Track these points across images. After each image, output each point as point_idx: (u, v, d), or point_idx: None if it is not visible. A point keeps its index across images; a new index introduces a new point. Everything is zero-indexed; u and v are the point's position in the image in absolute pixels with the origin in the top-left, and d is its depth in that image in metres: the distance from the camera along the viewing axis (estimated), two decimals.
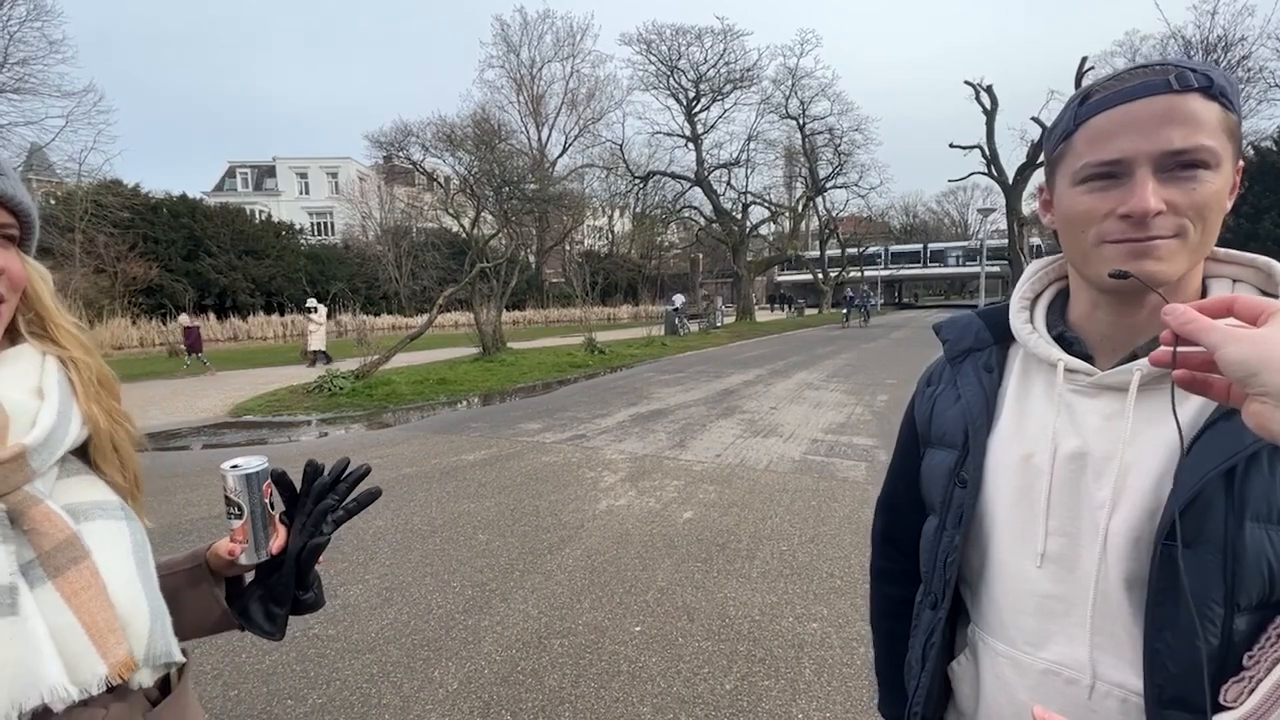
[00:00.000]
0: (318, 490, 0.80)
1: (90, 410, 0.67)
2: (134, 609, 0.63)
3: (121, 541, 0.65)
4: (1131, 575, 0.60)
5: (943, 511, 0.75)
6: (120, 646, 0.60)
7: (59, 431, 0.62)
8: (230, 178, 43.67)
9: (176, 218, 25.26)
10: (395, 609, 3.06)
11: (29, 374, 0.64)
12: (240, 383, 11.65)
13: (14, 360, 0.64)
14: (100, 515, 0.65)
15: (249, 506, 0.73)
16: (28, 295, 0.65)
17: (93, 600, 0.60)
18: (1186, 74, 0.57)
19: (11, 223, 0.62)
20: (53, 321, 0.67)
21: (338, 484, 0.81)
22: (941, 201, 67.75)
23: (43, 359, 0.66)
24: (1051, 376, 0.68)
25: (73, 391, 0.66)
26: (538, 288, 35.73)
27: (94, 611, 0.59)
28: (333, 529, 0.81)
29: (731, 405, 8.60)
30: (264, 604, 0.79)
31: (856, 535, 3.89)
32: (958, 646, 0.77)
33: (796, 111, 32.52)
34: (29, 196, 0.65)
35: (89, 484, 0.67)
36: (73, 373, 0.67)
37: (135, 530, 0.68)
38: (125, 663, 0.60)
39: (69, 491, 0.65)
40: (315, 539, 0.79)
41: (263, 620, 0.79)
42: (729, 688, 2.42)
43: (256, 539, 0.75)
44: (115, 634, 0.60)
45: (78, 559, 0.60)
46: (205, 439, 7.48)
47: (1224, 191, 0.59)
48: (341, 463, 0.83)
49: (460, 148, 16.41)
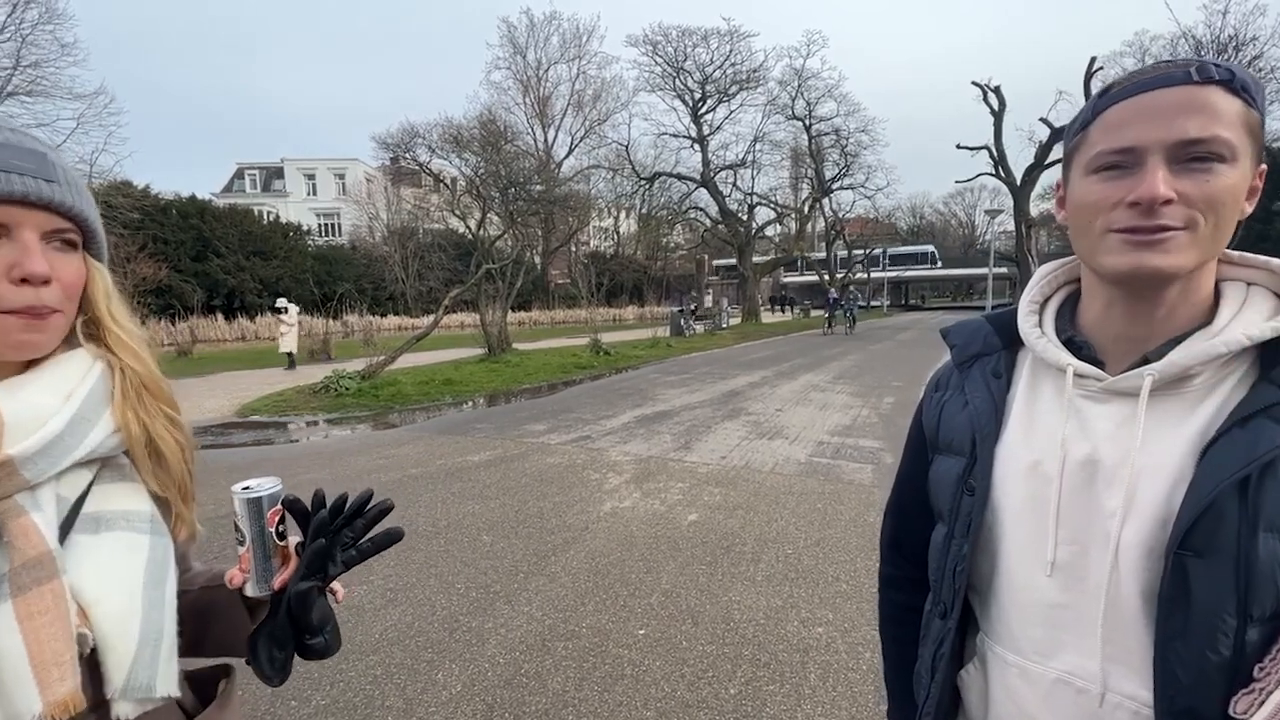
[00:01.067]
0: (317, 525, 0.70)
1: (126, 417, 0.65)
2: (121, 631, 0.59)
3: (136, 557, 0.63)
4: (1143, 585, 0.58)
5: (951, 519, 0.74)
6: (63, 684, 0.55)
7: (69, 439, 0.60)
8: (238, 179, 43.98)
9: (186, 219, 25.42)
10: (399, 610, 3.06)
11: (69, 379, 0.62)
12: (250, 382, 11.71)
13: (60, 365, 0.63)
14: (122, 525, 0.63)
15: (250, 533, 0.68)
16: (86, 298, 0.65)
17: (46, 627, 0.54)
18: (1208, 67, 0.56)
19: (69, 228, 0.61)
20: (106, 327, 0.66)
21: (355, 519, 0.73)
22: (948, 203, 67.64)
23: (91, 364, 0.65)
24: (1060, 382, 0.67)
25: (109, 399, 0.65)
26: (543, 289, 35.79)
27: (44, 640, 0.54)
28: (342, 570, 0.73)
29: (737, 407, 8.58)
30: (268, 644, 0.72)
31: (862, 539, 3.87)
32: (966, 655, 0.76)
33: (803, 113, 32.49)
34: (88, 201, 0.64)
35: (127, 492, 0.65)
36: (117, 379, 0.66)
37: (158, 546, 0.65)
38: (64, 702, 0.55)
39: (103, 497, 0.63)
40: (300, 584, 0.69)
41: (265, 661, 0.72)
42: (733, 692, 2.41)
43: (259, 570, 0.69)
44: (61, 668, 0.55)
45: (42, 579, 0.55)
46: (211, 439, 7.52)
47: (1240, 188, 0.57)
48: (364, 495, 0.73)
49: (467, 149, 16.45)
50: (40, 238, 0.58)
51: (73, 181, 0.62)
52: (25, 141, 0.59)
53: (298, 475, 5.48)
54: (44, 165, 0.59)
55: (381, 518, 0.75)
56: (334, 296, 21.16)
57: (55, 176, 0.59)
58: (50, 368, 0.62)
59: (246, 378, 12.48)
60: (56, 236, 0.60)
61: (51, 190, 0.58)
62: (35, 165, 0.58)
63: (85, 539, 0.60)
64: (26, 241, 0.57)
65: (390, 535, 0.75)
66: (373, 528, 0.74)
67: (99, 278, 0.66)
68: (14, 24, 15.61)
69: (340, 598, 0.75)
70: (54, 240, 0.60)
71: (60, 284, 0.59)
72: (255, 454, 6.68)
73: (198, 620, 0.70)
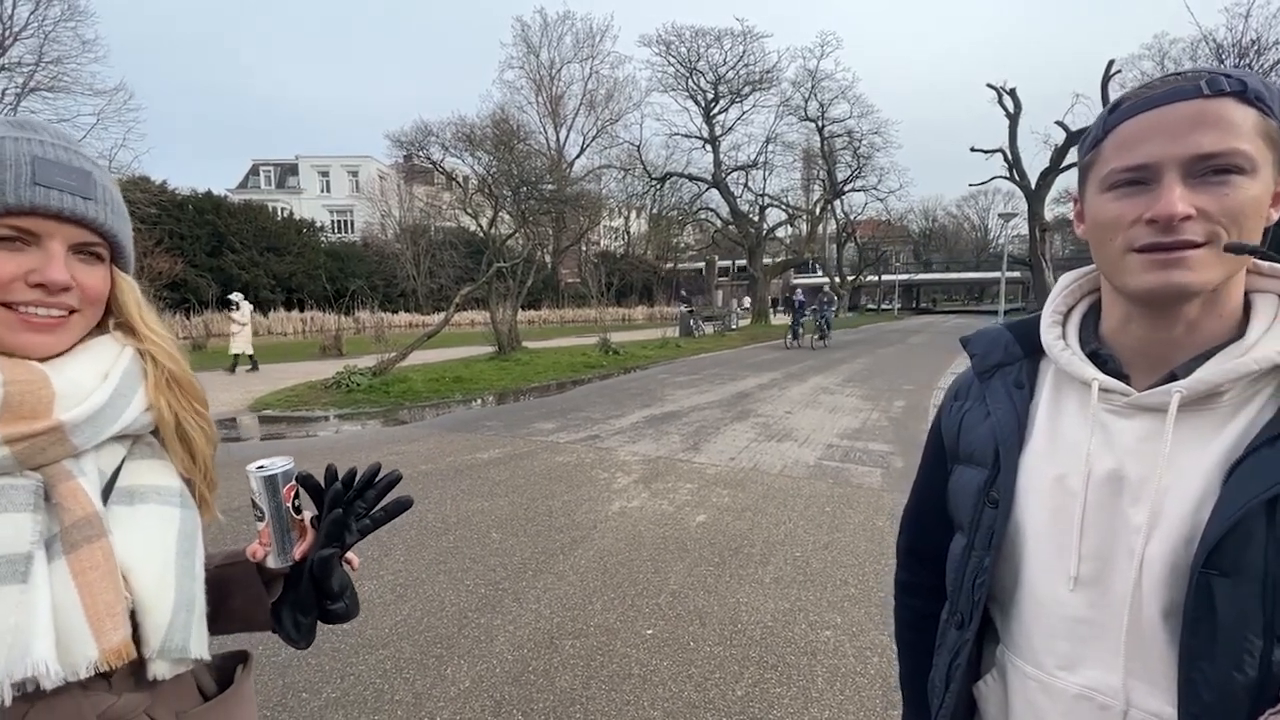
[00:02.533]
0: (332, 497, 0.75)
1: (158, 400, 0.69)
2: (158, 596, 0.63)
3: (169, 528, 0.67)
4: (1167, 602, 0.58)
5: (971, 531, 0.73)
6: (116, 633, 0.59)
7: (110, 411, 0.64)
8: (254, 175, 44.36)
9: (201, 214, 25.67)
10: (409, 605, 3.08)
11: (102, 359, 0.67)
12: (262, 376, 11.82)
13: (94, 349, 0.67)
14: (155, 499, 0.67)
15: (269, 509, 0.73)
16: (117, 304, 0.70)
17: (98, 581, 0.59)
18: (1219, 79, 0.55)
19: (98, 241, 0.65)
20: (140, 332, 0.71)
21: (366, 490, 0.77)
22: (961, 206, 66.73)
23: (122, 349, 0.69)
24: (1085, 394, 0.67)
25: (143, 380, 0.69)
26: (553, 288, 35.86)
27: (97, 593, 0.59)
28: (357, 538, 0.78)
29: (746, 408, 8.55)
30: (292, 611, 0.78)
31: (871, 543, 3.85)
32: (984, 666, 0.76)
33: (815, 114, 32.29)
34: (122, 219, 0.69)
35: (158, 468, 0.70)
36: (149, 364, 0.70)
37: (188, 519, 0.69)
38: (118, 650, 0.59)
39: (135, 472, 0.68)
40: (322, 551, 0.74)
41: (291, 628, 0.78)
42: (740, 694, 2.40)
43: (279, 542, 0.74)
44: (114, 618, 0.59)
45: (93, 538, 0.60)
46: (224, 432, 7.60)
47: (1263, 199, 0.56)
48: (373, 468, 0.79)
49: (479, 148, 16.49)
50: (69, 249, 0.63)
51: (111, 200, 0.67)
52: (74, 160, 0.64)
53: (310, 469, 5.51)
54: (86, 183, 0.64)
55: (390, 488, 0.79)
56: (346, 293, 21.29)
57: (94, 195, 0.64)
58: (88, 350, 0.67)
59: (259, 373, 12.59)
60: (85, 249, 0.65)
61: (87, 207, 0.63)
62: (78, 183, 0.63)
63: (121, 510, 0.65)
64: (52, 251, 0.61)
65: (400, 503, 0.79)
66: (383, 498, 0.79)
67: (129, 289, 0.70)
68: (36, 20, 15.83)
69: (355, 565, 0.80)
70: (82, 252, 0.64)
71: (82, 289, 0.64)
72: (268, 448, 6.75)
73: (216, 594, 0.73)
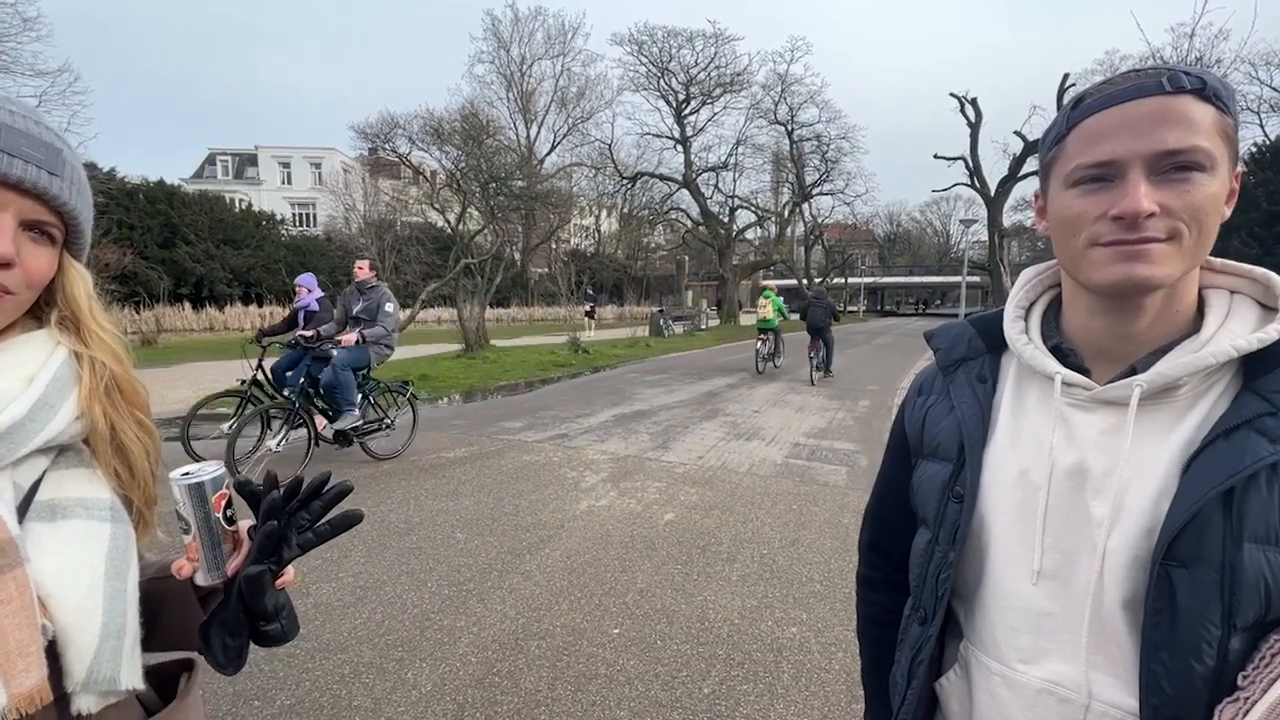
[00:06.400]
0: (267, 508, 0.68)
1: (91, 408, 0.63)
2: (82, 624, 0.58)
3: (96, 546, 0.61)
4: (1128, 594, 0.59)
5: (936, 526, 0.73)
6: (29, 675, 0.54)
7: (32, 424, 0.58)
8: (210, 165, 42.77)
9: (153, 204, 24.64)
10: (369, 608, 3.00)
11: (27, 362, 0.61)
12: (217, 373, 11.39)
13: (20, 346, 0.61)
14: (81, 514, 0.61)
15: (195, 520, 0.66)
16: (65, 296, 0.65)
17: (9, 618, 0.53)
18: (1179, 76, 0.56)
19: (54, 222, 0.61)
20: (85, 325, 0.65)
21: (312, 500, 0.72)
22: (925, 211, 68.61)
23: (53, 349, 0.63)
24: (1047, 388, 0.67)
25: (75, 385, 0.63)
26: (523, 285, 35.52)
27: (8, 631, 0.53)
28: (297, 553, 0.71)
29: (715, 408, 8.60)
30: (221, 632, 0.70)
31: (837, 540, 3.91)
32: (946, 662, 0.76)
33: (785, 117, 32.82)
34: (85, 202, 0.64)
35: (84, 479, 0.63)
36: (85, 368, 0.64)
37: (119, 534, 0.63)
38: (30, 695, 0.53)
39: (58, 484, 0.61)
40: (250, 568, 0.67)
41: (218, 650, 0.70)
42: (707, 691, 2.40)
43: (209, 557, 0.67)
44: (27, 659, 0.54)
45: (4, 568, 0.54)
46: (174, 431, 7.29)
47: (1220, 195, 0.58)
48: (321, 476, 0.73)
49: (448, 142, 16.21)
50: (20, 224, 0.58)
51: (77, 180, 0.63)
52: (44, 135, 0.60)
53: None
54: (53, 158, 0.60)
55: (340, 500, 0.74)
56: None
57: (60, 172, 0.60)
58: (12, 347, 0.60)
59: (214, 368, 12.13)
60: (38, 226, 0.60)
61: (49, 182, 0.59)
62: (44, 156, 0.59)
63: (41, 528, 0.58)
64: (2, 223, 0.56)
65: (349, 518, 0.73)
66: (331, 510, 0.73)
67: (80, 279, 0.66)
68: None
69: (291, 582, 0.73)
70: (34, 229, 0.59)
71: (24, 270, 0.58)
72: (220, 447, 6.49)
73: (148, 609, 0.67)
